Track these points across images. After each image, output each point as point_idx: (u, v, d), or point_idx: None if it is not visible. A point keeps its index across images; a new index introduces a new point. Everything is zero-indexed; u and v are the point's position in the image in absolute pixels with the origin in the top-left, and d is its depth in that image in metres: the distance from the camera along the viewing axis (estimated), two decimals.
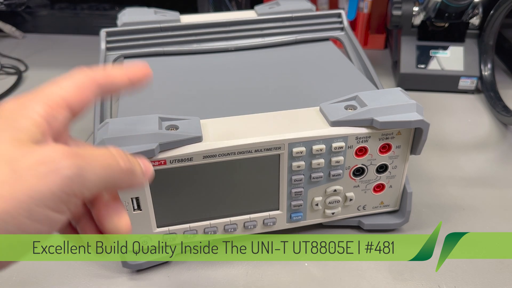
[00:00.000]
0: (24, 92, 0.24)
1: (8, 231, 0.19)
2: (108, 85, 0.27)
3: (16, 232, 0.19)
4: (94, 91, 0.26)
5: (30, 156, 0.20)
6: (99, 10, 0.96)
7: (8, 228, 0.19)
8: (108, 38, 0.54)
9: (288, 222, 0.42)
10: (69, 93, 0.25)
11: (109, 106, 0.45)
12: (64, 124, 0.25)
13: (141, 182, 0.26)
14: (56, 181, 0.20)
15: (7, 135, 0.21)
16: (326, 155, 0.38)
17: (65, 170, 0.21)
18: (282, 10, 0.59)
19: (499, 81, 0.70)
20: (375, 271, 0.40)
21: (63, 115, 0.24)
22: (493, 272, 0.40)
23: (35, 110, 0.23)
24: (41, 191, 0.20)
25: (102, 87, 0.27)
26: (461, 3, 0.64)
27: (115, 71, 0.28)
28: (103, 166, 0.23)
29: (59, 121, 0.24)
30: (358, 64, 0.53)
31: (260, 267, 0.41)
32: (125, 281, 0.39)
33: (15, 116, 0.23)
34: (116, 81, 0.28)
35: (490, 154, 0.57)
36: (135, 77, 0.29)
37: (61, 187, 0.20)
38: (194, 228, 0.40)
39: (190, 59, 0.54)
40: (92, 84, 0.26)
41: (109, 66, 0.28)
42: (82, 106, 0.26)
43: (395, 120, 0.36)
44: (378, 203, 0.43)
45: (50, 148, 0.21)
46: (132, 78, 0.29)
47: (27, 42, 0.95)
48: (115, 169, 0.24)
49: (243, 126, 0.37)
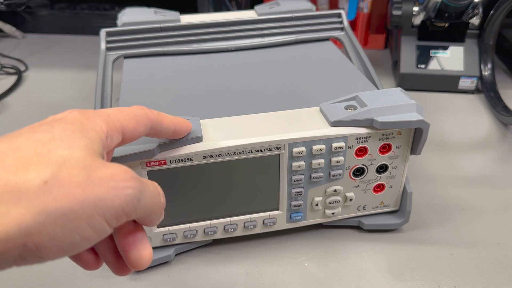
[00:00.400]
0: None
1: (65, 229, 0.20)
2: (158, 127, 0.30)
3: (72, 233, 0.20)
4: (146, 127, 0.29)
5: (103, 169, 0.22)
6: (99, 10, 0.96)
7: (67, 226, 0.20)
8: (108, 38, 0.54)
9: (288, 222, 0.42)
10: (127, 121, 0.27)
11: (109, 107, 0.45)
12: (113, 147, 0.27)
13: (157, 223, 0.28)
14: (120, 197, 0.22)
15: (82, 143, 0.23)
16: (326, 155, 0.38)
17: (129, 190, 0.22)
18: (282, 10, 0.59)
19: (499, 81, 0.70)
20: (375, 271, 0.40)
21: (118, 138, 0.26)
22: (493, 272, 0.40)
23: (100, 126, 0.25)
24: (106, 203, 0.21)
25: (153, 126, 0.29)
26: (461, 3, 0.64)
27: (166, 117, 0.31)
28: (152, 196, 0.25)
29: (113, 142, 0.26)
30: (358, 64, 0.53)
31: (260, 267, 0.41)
32: (125, 281, 0.39)
33: (84, 126, 0.24)
34: (164, 126, 0.31)
35: (490, 154, 0.57)
36: (179, 129, 0.33)
37: (121, 204, 0.22)
38: (194, 228, 0.40)
39: (190, 59, 0.54)
40: (147, 121, 0.29)
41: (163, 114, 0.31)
42: (133, 137, 0.28)
43: (395, 120, 0.36)
44: (378, 203, 0.43)
45: (118, 166, 0.23)
46: (177, 129, 0.32)
47: (27, 42, 0.95)
48: (157, 202, 0.26)
49: (243, 126, 0.37)
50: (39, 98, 0.71)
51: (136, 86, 0.47)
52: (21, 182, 0.19)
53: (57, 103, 0.70)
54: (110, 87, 0.48)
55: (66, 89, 0.74)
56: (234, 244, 0.43)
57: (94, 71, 0.57)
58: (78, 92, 0.73)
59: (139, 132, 0.28)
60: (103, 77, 0.49)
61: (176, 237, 0.40)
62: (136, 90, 0.46)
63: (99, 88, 0.47)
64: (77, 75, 0.79)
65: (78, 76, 0.78)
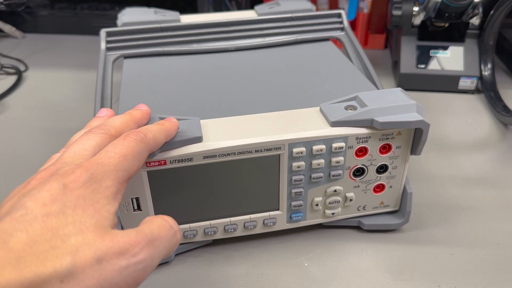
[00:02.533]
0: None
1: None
2: (155, 148, 0.31)
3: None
4: (145, 157, 0.30)
5: (115, 247, 0.23)
6: (99, 10, 0.96)
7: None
8: (108, 38, 0.54)
9: (288, 222, 0.42)
10: (132, 167, 0.28)
11: (109, 107, 0.45)
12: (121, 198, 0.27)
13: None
14: (133, 275, 0.23)
15: (92, 222, 0.23)
16: (326, 155, 0.38)
17: (141, 264, 0.23)
18: (282, 10, 0.59)
19: (499, 81, 0.70)
20: (375, 271, 0.40)
21: (124, 188, 0.27)
22: (493, 272, 0.40)
23: (110, 189, 0.25)
24: (118, 283, 0.22)
25: (151, 150, 0.31)
26: (461, 3, 0.64)
27: (160, 133, 0.32)
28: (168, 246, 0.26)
29: (120, 195, 0.27)
30: (358, 64, 0.53)
31: (260, 267, 0.41)
32: None
33: (95, 195, 0.25)
34: (159, 143, 0.32)
35: (490, 154, 0.57)
36: (170, 134, 0.33)
37: (135, 279, 0.23)
38: (194, 228, 0.40)
39: (190, 59, 0.54)
40: (147, 153, 0.30)
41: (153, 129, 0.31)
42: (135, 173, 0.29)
43: (395, 121, 0.36)
44: (378, 203, 0.43)
45: (128, 237, 0.24)
46: (168, 138, 0.33)
47: (27, 42, 0.95)
48: (174, 242, 0.27)
49: (243, 126, 0.37)
50: (39, 98, 0.71)
51: (136, 86, 0.47)
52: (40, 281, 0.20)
53: (57, 103, 0.70)
54: (110, 87, 0.48)
55: (66, 89, 0.74)
56: (234, 244, 0.43)
57: (94, 71, 0.57)
58: (78, 92, 0.73)
59: (141, 166, 0.29)
60: (103, 77, 0.49)
61: None
62: (136, 90, 0.46)
63: (99, 88, 0.47)
64: (77, 75, 0.79)
65: (78, 76, 0.78)
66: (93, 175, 0.25)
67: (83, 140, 0.29)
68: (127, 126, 0.31)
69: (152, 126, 0.32)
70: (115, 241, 0.23)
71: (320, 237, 0.43)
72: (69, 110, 0.68)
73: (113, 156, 0.27)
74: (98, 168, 0.26)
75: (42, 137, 0.61)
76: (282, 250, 0.42)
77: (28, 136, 0.61)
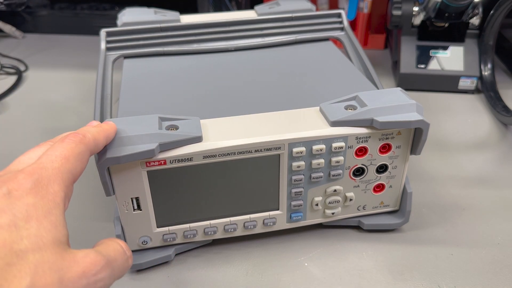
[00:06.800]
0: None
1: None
2: (96, 150, 0.30)
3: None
4: (88, 159, 0.29)
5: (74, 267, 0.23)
6: (99, 10, 0.96)
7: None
8: (108, 38, 0.54)
9: (288, 222, 0.42)
10: (75, 167, 0.27)
11: (109, 107, 0.45)
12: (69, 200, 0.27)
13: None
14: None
15: (50, 238, 0.23)
16: (326, 155, 0.38)
17: (100, 283, 0.24)
18: (282, 10, 0.59)
19: (499, 81, 0.70)
20: (375, 271, 0.40)
21: (71, 191, 0.27)
22: (493, 272, 0.40)
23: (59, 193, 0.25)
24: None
25: (92, 152, 0.30)
26: (461, 3, 0.64)
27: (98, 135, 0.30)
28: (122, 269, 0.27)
29: (68, 198, 0.26)
30: (358, 64, 0.53)
31: (260, 267, 0.41)
32: (125, 281, 0.39)
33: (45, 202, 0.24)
34: (99, 144, 0.31)
35: (490, 154, 0.57)
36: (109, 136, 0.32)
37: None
38: (194, 228, 0.40)
39: (190, 59, 0.54)
40: (88, 154, 0.29)
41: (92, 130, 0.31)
42: (79, 176, 0.28)
43: (395, 120, 0.36)
44: (378, 203, 0.43)
45: (88, 257, 0.24)
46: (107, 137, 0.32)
47: (27, 42, 0.95)
48: (126, 269, 0.28)
49: (243, 126, 0.37)
50: (39, 98, 0.71)
51: (136, 86, 0.47)
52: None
53: (57, 103, 0.70)
54: (110, 87, 0.48)
55: (66, 89, 0.74)
56: (234, 244, 0.43)
57: (94, 71, 0.57)
58: (78, 92, 0.73)
59: (84, 167, 0.28)
60: (103, 77, 0.49)
61: (176, 237, 0.40)
62: (136, 90, 0.46)
63: (99, 88, 0.47)
64: (77, 75, 0.79)
65: (78, 76, 0.79)
66: (38, 180, 0.24)
67: (31, 150, 0.28)
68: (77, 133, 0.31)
69: (90, 128, 0.31)
70: (76, 261, 0.23)
71: (320, 237, 0.43)
72: (69, 110, 0.68)
73: (54, 159, 0.26)
74: (42, 172, 0.24)
75: (42, 137, 0.61)
76: (282, 250, 0.42)
77: (28, 136, 0.61)
